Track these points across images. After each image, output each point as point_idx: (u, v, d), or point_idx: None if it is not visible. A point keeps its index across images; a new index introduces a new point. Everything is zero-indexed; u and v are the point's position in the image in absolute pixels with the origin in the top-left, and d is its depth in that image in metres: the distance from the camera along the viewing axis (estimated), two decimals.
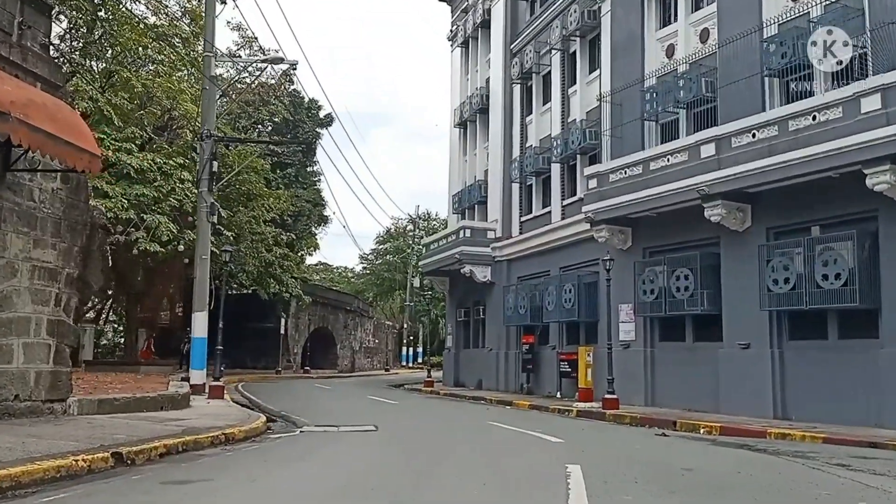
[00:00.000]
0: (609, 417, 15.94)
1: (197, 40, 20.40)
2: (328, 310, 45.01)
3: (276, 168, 35.49)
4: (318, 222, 40.48)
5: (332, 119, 38.38)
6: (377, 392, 24.07)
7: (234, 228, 25.94)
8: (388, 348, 61.47)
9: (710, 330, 16.97)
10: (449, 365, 30.89)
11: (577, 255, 21.85)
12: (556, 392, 22.08)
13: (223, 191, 24.58)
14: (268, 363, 37.57)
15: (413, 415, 15.27)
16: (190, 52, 21.02)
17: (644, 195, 17.47)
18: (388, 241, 68.34)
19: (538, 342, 23.90)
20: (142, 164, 17.94)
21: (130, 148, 17.46)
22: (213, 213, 17.02)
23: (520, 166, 25.32)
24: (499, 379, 25.90)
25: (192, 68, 23.12)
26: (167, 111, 20.22)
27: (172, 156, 19.48)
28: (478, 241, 26.75)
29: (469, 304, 29.51)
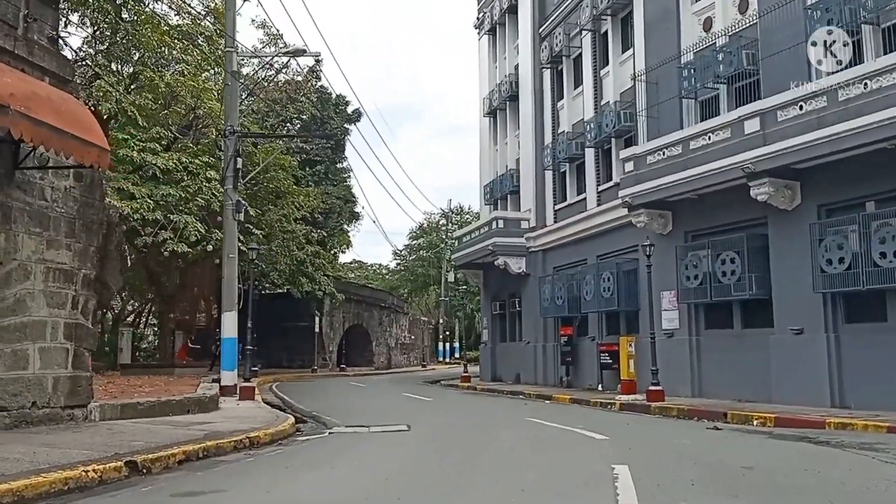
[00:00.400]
0: (654, 410, 15.21)
1: (221, 38, 20.13)
2: (363, 307, 44.75)
3: (305, 165, 35.25)
4: (350, 219, 40.16)
5: (360, 114, 38.05)
6: (412, 389, 23.60)
7: (263, 227, 25.69)
8: (424, 344, 61.09)
9: (759, 315, 16.10)
10: (485, 360, 30.30)
11: (615, 242, 21.05)
12: (596, 385, 21.34)
13: (251, 189, 24.34)
14: (304, 362, 37.43)
15: (448, 412, 14.70)
16: (215, 50, 20.78)
17: (684, 176, 16.63)
18: (420, 237, 67.89)
19: (577, 334, 23.18)
20: (167, 164, 17.68)
21: (155, 148, 17.20)
22: (238, 210, 16.67)
23: (552, 153, 24.56)
24: (537, 373, 25.23)
25: (218, 67, 22.93)
26: (192, 110, 19.97)
27: (198, 155, 19.22)
28: (511, 231, 26.08)
29: (504, 296, 28.86)
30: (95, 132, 7.84)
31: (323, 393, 20.98)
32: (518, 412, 14.84)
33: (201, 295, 30.72)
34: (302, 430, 11.31)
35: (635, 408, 15.88)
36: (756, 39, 16.36)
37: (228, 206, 16.74)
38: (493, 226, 26.31)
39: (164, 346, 24.69)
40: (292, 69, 32.61)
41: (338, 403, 16.61)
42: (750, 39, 16.48)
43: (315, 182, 35.04)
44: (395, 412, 14.46)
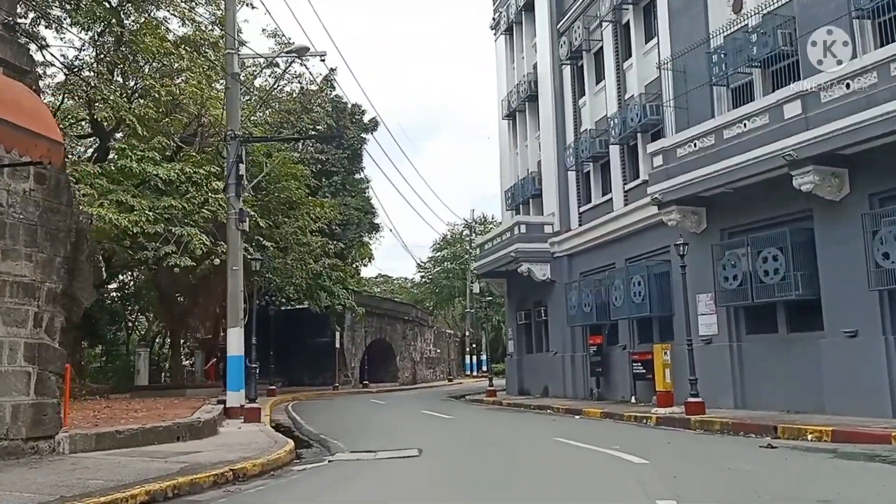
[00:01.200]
0: (695, 424, 13.84)
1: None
2: (385, 321, 43.68)
3: (322, 176, 34.38)
4: (370, 230, 39.21)
5: (377, 123, 37.12)
6: (434, 405, 22.40)
7: (276, 239, 24.79)
8: (450, 357, 59.86)
9: (807, 318, 14.67)
10: (512, 372, 28.99)
11: (645, 243, 19.73)
12: (629, 397, 19.96)
13: (261, 200, 23.45)
14: (325, 379, 36.44)
15: (467, 432, 13.43)
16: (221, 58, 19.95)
17: (718, 168, 15.29)
18: (444, 248, 66.81)
19: (607, 342, 21.81)
20: (169, 174, 16.80)
21: (154, 157, 16.32)
22: (242, 220, 15.71)
23: (575, 152, 23.32)
24: (566, 385, 23.87)
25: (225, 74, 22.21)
26: (196, 118, 19.14)
27: (202, 164, 18.33)
28: (534, 236, 24.84)
29: (529, 305, 27.58)
30: (45, 122, 6.85)
31: (339, 412, 19.89)
32: (545, 430, 13.56)
33: (217, 312, 29.90)
34: (303, 456, 10.20)
35: (673, 422, 14.53)
36: (793, 17, 15.03)
37: (231, 216, 15.79)
38: (515, 231, 25.09)
39: (177, 367, 23.81)
40: (306, 78, 31.79)
41: (352, 423, 15.49)
42: (786, 17, 15.15)
43: (332, 193, 34.16)
44: (411, 433, 13.29)
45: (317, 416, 17.88)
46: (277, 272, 27.07)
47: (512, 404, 22.50)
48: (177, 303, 25.05)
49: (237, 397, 15.13)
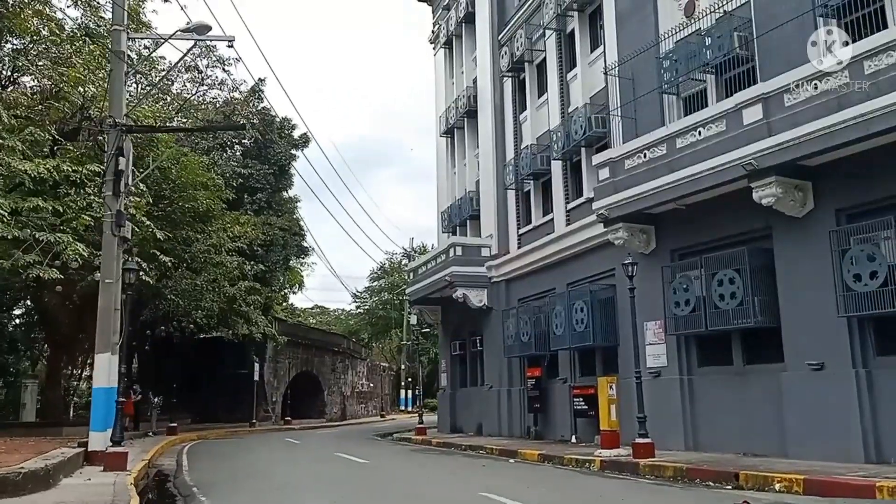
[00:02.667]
0: (644, 470, 12.00)
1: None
2: (312, 352, 40.95)
3: (244, 192, 31.93)
4: (297, 253, 36.72)
5: (308, 140, 34.98)
6: (353, 446, 20.00)
7: (182, 256, 22.27)
8: (384, 392, 57.21)
9: (766, 348, 13.14)
10: (444, 408, 26.81)
11: (589, 266, 18.06)
12: (570, 436, 18.07)
13: (163, 210, 20.94)
14: (244, 415, 33.43)
15: (376, 485, 11.01)
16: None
17: (670, 180, 13.73)
18: (382, 278, 64.53)
19: (546, 375, 19.94)
20: (37, 170, 14.25)
21: (16, 147, 13.77)
22: (120, 223, 13.28)
23: (515, 170, 21.65)
24: (501, 422, 21.84)
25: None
26: (79, 109, 16.65)
27: (85, 162, 15.82)
28: (471, 259, 22.96)
29: (464, 334, 25.57)
30: None
31: (240, 454, 17.32)
32: (472, 480, 11.45)
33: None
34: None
35: (620, 467, 12.66)
36: (749, 19, 13.74)
37: (107, 219, 13.35)
38: (450, 254, 23.16)
39: (53, 401, 20.76)
40: (228, 86, 29.51)
41: (243, 470, 13.06)
42: (742, 19, 13.85)
43: (255, 211, 31.69)
44: (309, 485, 10.99)
45: (209, 461, 15.37)
46: (186, 294, 24.41)
47: (441, 444, 20.31)
48: (61, 327, 22.06)
49: (101, 439, 12.51)
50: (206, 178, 21.86)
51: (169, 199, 20.80)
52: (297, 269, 49.07)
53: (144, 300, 26.42)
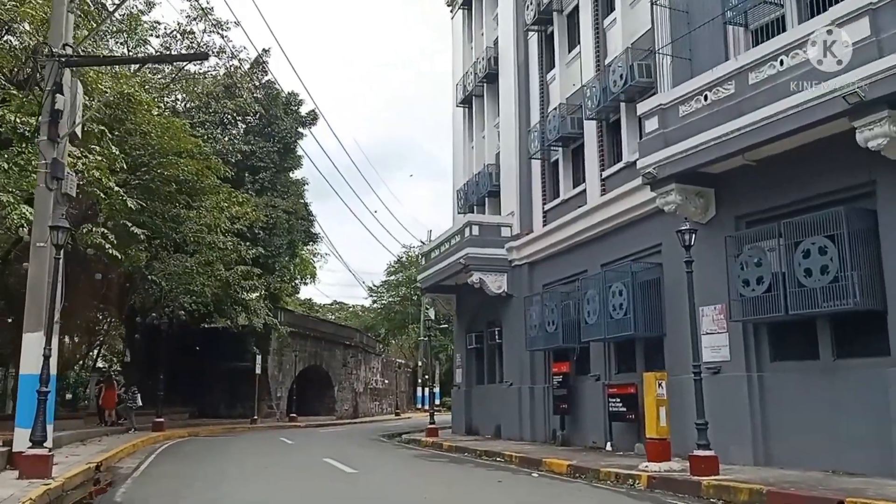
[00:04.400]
0: (708, 491, 9.28)
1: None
2: (321, 345, 38.41)
3: (246, 170, 29.48)
4: (305, 239, 34.18)
5: (317, 117, 32.44)
6: (351, 449, 17.40)
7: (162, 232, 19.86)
8: (400, 389, 54.60)
9: (865, 338, 10.28)
10: (458, 407, 24.10)
11: (628, 242, 15.25)
12: (604, 443, 15.32)
13: (140, 178, 18.49)
14: (246, 410, 31.06)
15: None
16: None
17: (740, 126, 10.88)
18: (399, 272, 62.01)
19: (575, 371, 17.18)
20: None
21: None
22: (57, 176, 10.78)
23: (540, 136, 18.86)
24: (522, 424, 19.10)
25: None
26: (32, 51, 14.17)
27: (35, 113, 13.34)
28: (489, 240, 20.24)
29: (481, 325, 22.85)
30: None
31: (213, 458, 14.78)
32: (486, 497, 8.77)
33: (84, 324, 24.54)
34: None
35: (675, 485, 9.90)
36: None
37: (41, 169, 10.85)
38: (465, 234, 20.44)
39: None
40: (227, 54, 27.05)
41: (199, 482, 10.47)
42: None
43: (257, 191, 29.20)
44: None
45: (171, 465, 12.89)
46: (174, 277, 21.98)
47: (453, 448, 17.62)
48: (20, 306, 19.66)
49: (29, 436, 9.98)
50: (191, 145, 19.33)
51: (147, 165, 18.33)
52: (308, 259, 46.77)
53: (133, 284, 24.07)
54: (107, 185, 15.54)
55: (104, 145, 16.46)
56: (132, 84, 18.99)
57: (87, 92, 16.94)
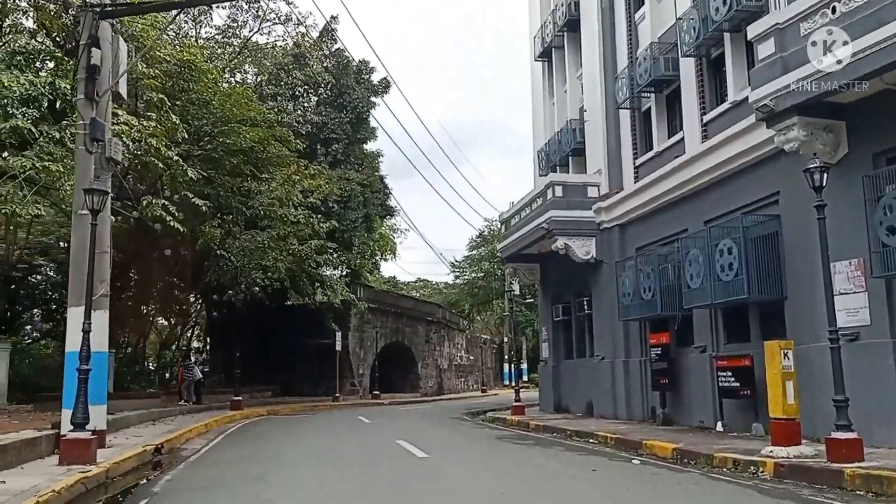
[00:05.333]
0: (851, 480, 7.54)
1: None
2: (403, 321, 37.58)
3: (318, 143, 28.67)
4: (381, 213, 33.22)
5: (389, 85, 31.25)
6: (428, 429, 16.24)
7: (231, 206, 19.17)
8: (486, 366, 53.44)
9: None
10: (546, 383, 22.57)
11: (736, 194, 13.27)
12: (713, 422, 13.52)
13: (203, 148, 17.78)
14: (329, 388, 30.57)
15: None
16: None
17: (877, 40, 8.82)
18: (481, 246, 60.64)
19: (676, 342, 15.36)
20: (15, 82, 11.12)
21: None
22: (96, 136, 9.90)
23: (629, 82, 16.90)
24: (617, 402, 17.44)
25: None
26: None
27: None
28: (573, 202, 18.51)
29: (568, 296, 21.17)
30: None
31: (283, 440, 13.89)
32: (578, 494, 7.30)
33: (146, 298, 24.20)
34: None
35: (809, 475, 8.17)
36: None
37: (80, 130, 9.99)
38: (548, 195, 18.78)
39: None
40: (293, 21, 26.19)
41: (253, 468, 9.44)
42: None
43: (330, 164, 28.34)
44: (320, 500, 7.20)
45: (233, 450, 12.04)
46: (245, 253, 21.37)
47: (540, 427, 16.18)
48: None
49: (94, 415, 9.19)
50: (254, 112, 18.45)
51: (210, 135, 17.58)
52: (387, 234, 46.08)
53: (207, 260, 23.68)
54: (166, 155, 14.82)
55: (164, 114, 15.79)
56: (193, 52, 18.33)
57: (146, 60, 16.36)
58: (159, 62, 16.83)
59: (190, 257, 23.47)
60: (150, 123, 13.94)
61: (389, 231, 45.91)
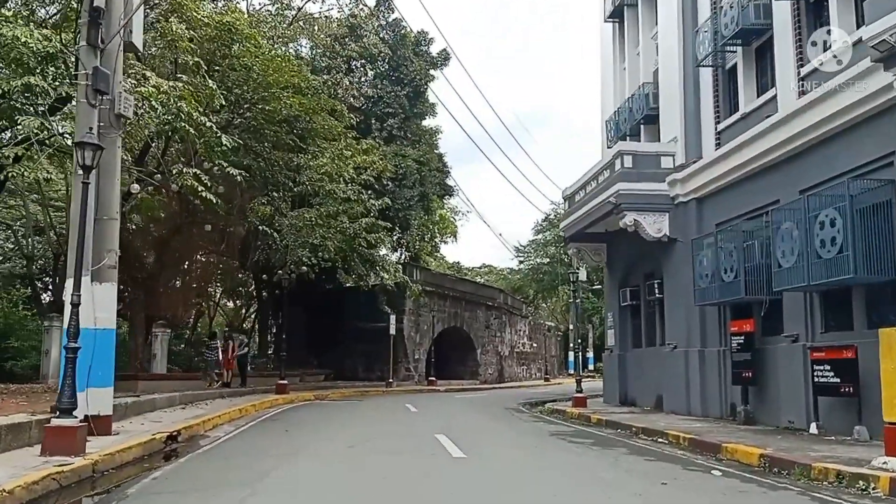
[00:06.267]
0: None
1: None
2: (462, 305, 36.20)
3: (372, 117, 27.47)
4: (439, 192, 31.84)
5: (449, 56, 29.74)
6: (478, 421, 14.79)
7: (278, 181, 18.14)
8: (550, 354, 51.63)
9: None
10: (611, 374, 20.81)
11: (839, 158, 11.25)
12: (806, 423, 11.61)
13: (242, 116, 16.72)
14: (384, 373, 29.56)
15: None
16: None
17: None
18: (547, 230, 58.68)
19: (762, 330, 13.46)
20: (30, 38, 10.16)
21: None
22: (99, 87, 8.81)
23: (712, 35, 14.88)
24: (691, 396, 15.61)
25: None
26: None
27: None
28: (645, 173, 16.65)
29: (637, 278, 19.33)
30: None
31: (316, 427, 12.72)
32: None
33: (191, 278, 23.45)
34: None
35: None
36: None
37: (82, 81, 8.91)
38: (616, 166, 16.96)
39: (135, 349, 17.50)
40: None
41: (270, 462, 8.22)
42: None
43: (385, 139, 27.11)
44: None
45: (258, 439, 10.93)
46: (292, 230, 20.38)
47: (603, 422, 14.54)
48: (143, 262, 18.73)
49: (97, 399, 8.22)
50: (298, 78, 17.28)
51: (249, 101, 16.51)
52: (448, 216, 44.78)
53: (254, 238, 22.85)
54: (198, 121, 13.76)
55: (200, 79, 14.78)
56: (236, 15, 17.29)
57: (185, 22, 15.39)
58: (199, 25, 15.85)
59: (237, 234, 22.70)
60: (178, 84, 12.88)
61: (450, 213, 44.55)
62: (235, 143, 14.66)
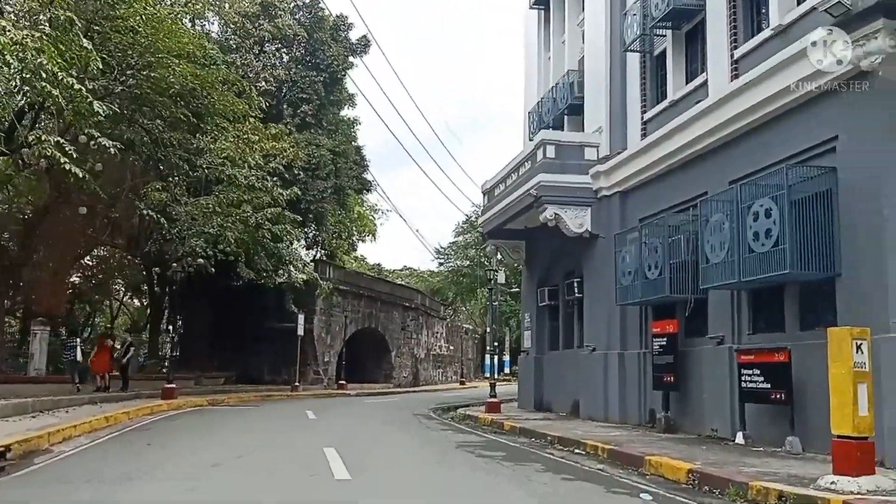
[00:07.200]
0: None
1: None
2: (377, 306, 34.66)
3: (284, 103, 25.69)
4: (356, 187, 30.23)
5: (368, 43, 28.22)
6: (374, 431, 13.34)
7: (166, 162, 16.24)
8: (467, 357, 50.71)
9: None
10: (527, 377, 19.80)
11: (774, 144, 10.47)
12: (731, 432, 10.75)
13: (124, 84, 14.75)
14: (291, 376, 27.67)
15: None
16: None
17: None
18: (468, 232, 57.95)
19: (685, 331, 12.63)
20: None
21: None
22: None
23: (641, 18, 14.01)
24: (609, 401, 14.68)
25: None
26: None
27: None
28: (568, 164, 15.69)
29: (557, 277, 18.37)
30: None
31: (182, 442, 10.98)
32: None
33: (67, 266, 21.11)
34: None
35: None
36: None
37: None
38: (538, 157, 15.93)
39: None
40: None
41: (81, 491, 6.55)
42: None
43: (297, 126, 25.35)
44: None
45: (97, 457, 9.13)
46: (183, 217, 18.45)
47: (517, 429, 13.37)
48: (8, 249, 16.46)
49: None
50: (194, 45, 15.44)
51: (133, 67, 14.56)
52: (366, 214, 43.22)
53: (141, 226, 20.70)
54: (65, 83, 11.84)
55: (73, 37, 12.84)
56: None
57: None
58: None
59: (127, 223, 20.52)
60: (35, 33, 10.95)
61: (369, 211, 43.00)
62: (111, 110, 12.76)
